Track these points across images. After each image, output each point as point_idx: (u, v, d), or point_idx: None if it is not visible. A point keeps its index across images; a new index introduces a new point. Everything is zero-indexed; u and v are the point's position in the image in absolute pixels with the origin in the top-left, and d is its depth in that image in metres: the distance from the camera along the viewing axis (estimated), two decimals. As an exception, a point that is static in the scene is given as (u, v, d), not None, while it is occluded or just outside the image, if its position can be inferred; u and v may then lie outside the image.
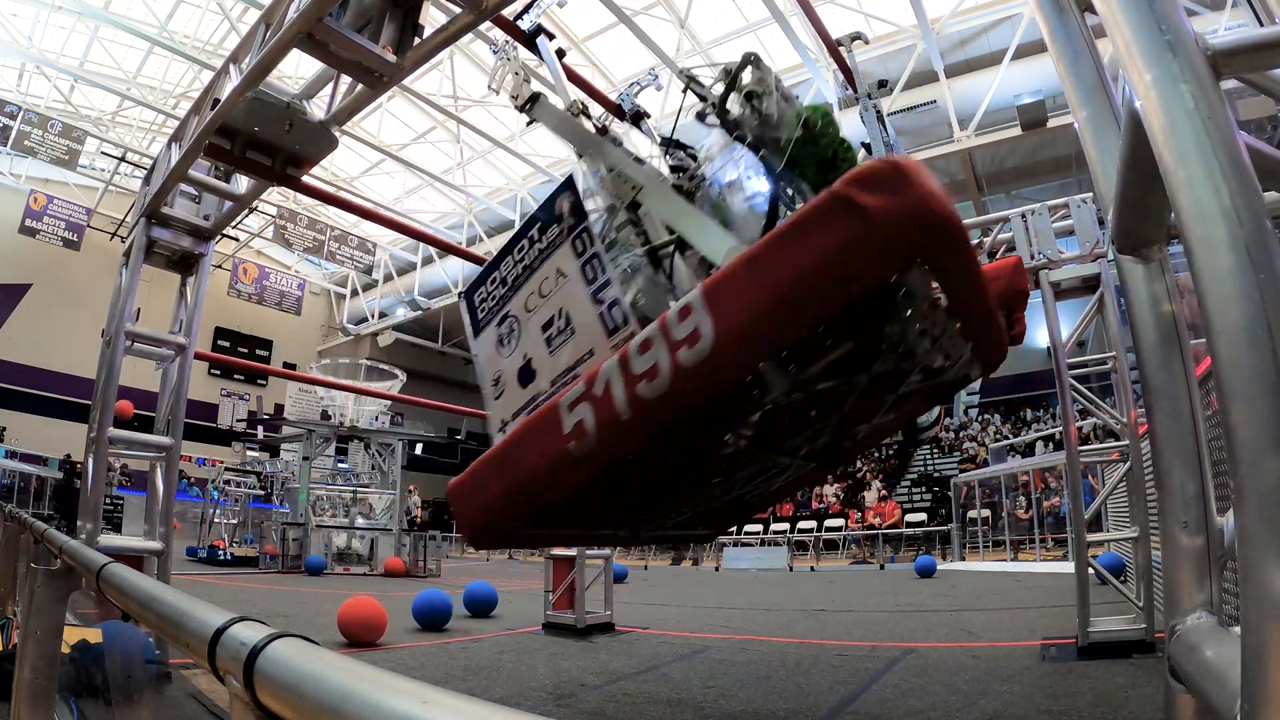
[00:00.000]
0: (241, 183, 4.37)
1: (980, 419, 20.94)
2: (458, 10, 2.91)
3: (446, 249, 9.57)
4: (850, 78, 4.12)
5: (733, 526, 2.62)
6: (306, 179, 3.92)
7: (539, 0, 2.65)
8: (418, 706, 0.44)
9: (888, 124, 3.81)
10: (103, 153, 19.23)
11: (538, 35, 2.56)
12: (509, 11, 2.97)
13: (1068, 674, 3.70)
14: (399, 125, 19.86)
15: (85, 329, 17.45)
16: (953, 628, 5.49)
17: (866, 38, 4.08)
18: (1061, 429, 5.17)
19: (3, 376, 20.67)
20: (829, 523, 16.06)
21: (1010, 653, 4.41)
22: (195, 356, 4.50)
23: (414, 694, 0.45)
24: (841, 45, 3.88)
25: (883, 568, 13.06)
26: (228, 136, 3.45)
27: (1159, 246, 1.40)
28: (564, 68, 4.78)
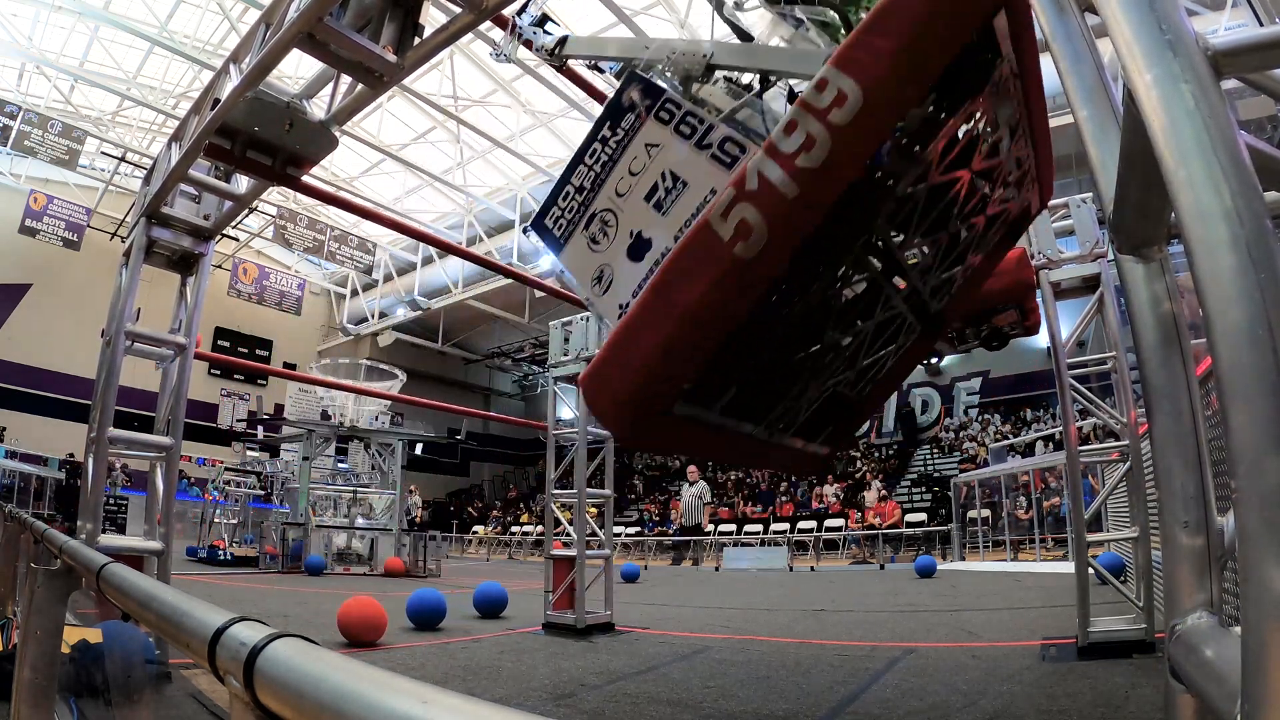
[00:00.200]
0: (241, 183, 4.37)
1: (980, 419, 20.93)
2: (458, 10, 2.92)
3: (446, 249, 9.58)
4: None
5: (845, 445, 2.67)
6: (306, 179, 3.93)
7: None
8: (418, 706, 0.44)
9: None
10: (103, 153, 19.23)
11: (544, 24, 2.57)
12: (508, 11, 2.97)
13: (1068, 674, 3.70)
14: (399, 125, 19.85)
15: (85, 329, 17.46)
16: (953, 628, 5.49)
17: None
18: (1061, 429, 5.17)
19: (3, 376, 20.67)
20: (829, 523, 16.04)
21: (1010, 653, 4.41)
22: (195, 356, 4.51)
23: (414, 694, 0.45)
24: None
25: (883, 568, 13.06)
26: (228, 136, 3.45)
27: (1159, 246, 1.39)
28: (568, 69, 4.79)
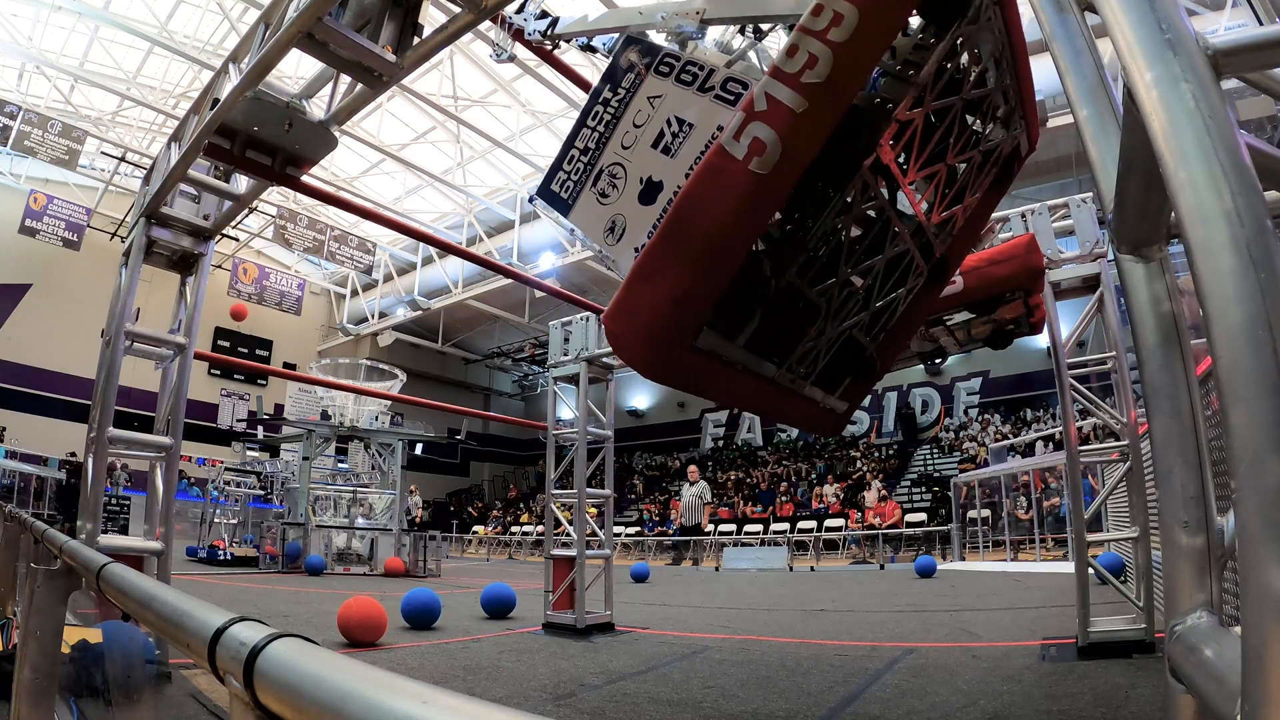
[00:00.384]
0: (241, 182, 4.37)
1: (980, 419, 20.93)
2: (457, 10, 2.91)
3: (446, 249, 9.58)
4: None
5: (859, 399, 2.75)
6: (306, 179, 3.93)
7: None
8: (418, 706, 0.44)
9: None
10: (103, 153, 19.21)
11: (543, 18, 2.58)
12: (507, 10, 2.97)
13: (1068, 674, 3.70)
14: (399, 125, 19.84)
15: (85, 329, 17.45)
16: (953, 628, 5.49)
17: None
18: (1061, 429, 5.17)
19: (3, 376, 20.66)
20: (829, 523, 16.05)
21: (1010, 653, 4.41)
22: (195, 356, 4.51)
23: (414, 694, 0.45)
24: None
25: (883, 568, 13.06)
26: (227, 136, 3.45)
27: (1159, 246, 1.39)
28: (564, 66, 4.78)
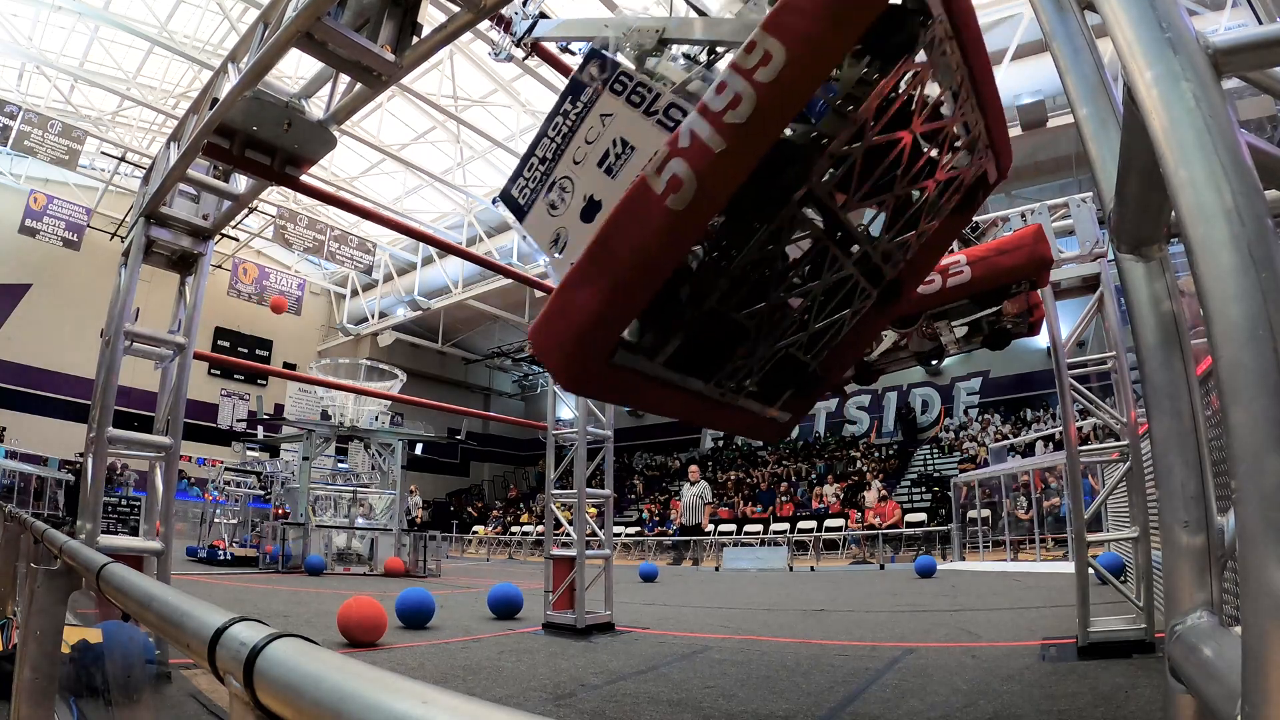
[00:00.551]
0: (241, 182, 4.37)
1: (980, 419, 20.93)
2: (456, 9, 2.91)
3: (446, 249, 9.57)
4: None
5: (804, 409, 2.72)
6: (306, 179, 3.92)
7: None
8: (418, 706, 0.44)
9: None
10: (103, 153, 19.21)
11: (539, 20, 2.58)
12: (507, 11, 2.97)
13: (1068, 674, 3.70)
14: (399, 125, 19.84)
15: (85, 329, 17.48)
16: (953, 628, 5.49)
17: None
18: (1061, 429, 5.17)
19: (3, 376, 20.66)
20: (829, 523, 16.05)
21: (1010, 653, 4.41)
22: (195, 356, 4.51)
23: (414, 694, 0.45)
24: None
25: (883, 568, 13.06)
26: (226, 136, 3.45)
27: (1159, 246, 1.39)
28: (564, 67, 4.78)
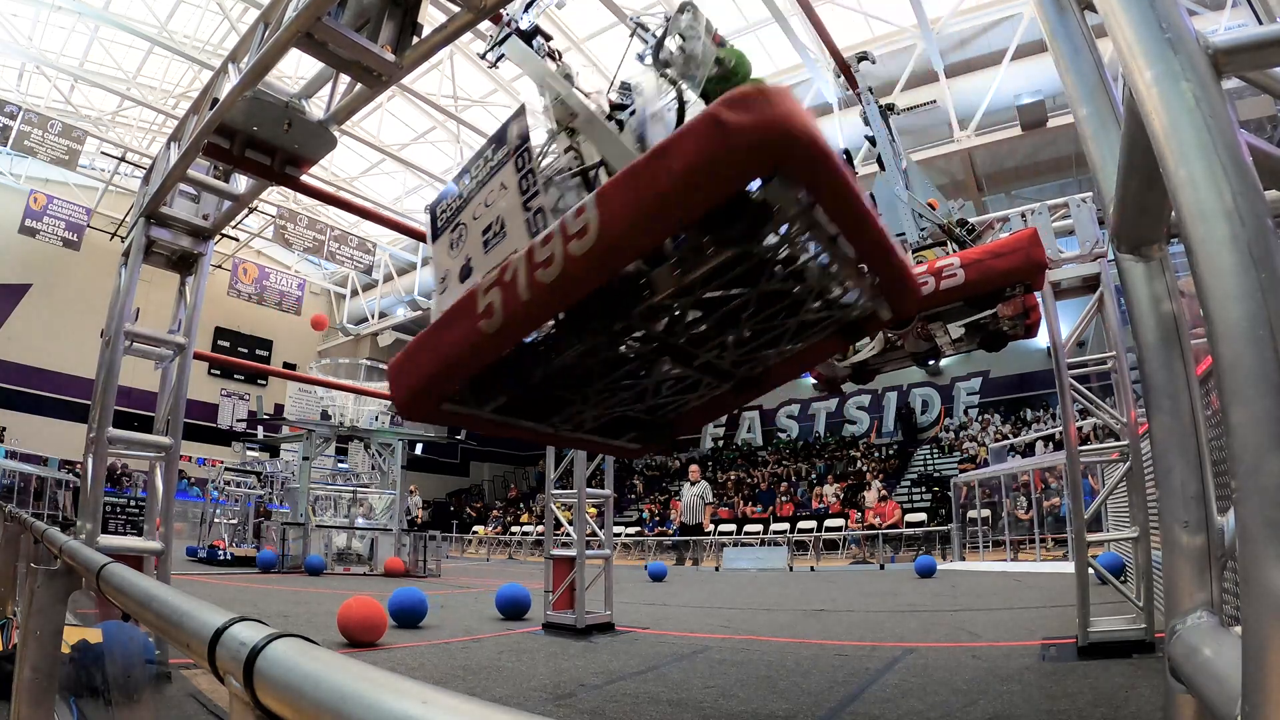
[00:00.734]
0: (241, 182, 4.37)
1: (980, 419, 20.93)
2: (456, 9, 2.91)
3: (446, 249, 9.58)
4: (850, 77, 4.13)
5: (660, 445, 2.79)
6: (306, 179, 3.92)
7: (538, 1, 2.68)
8: (418, 706, 0.44)
9: (890, 122, 3.82)
10: (103, 153, 19.20)
11: (534, 37, 2.58)
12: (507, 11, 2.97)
13: (1068, 674, 3.70)
14: (399, 125, 19.85)
15: (85, 329, 17.45)
16: (953, 628, 5.49)
17: (874, 58, 4.13)
18: (1061, 429, 5.17)
19: (3, 376, 20.66)
20: (829, 523, 16.05)
21: (1010, 653, 4.41)
22: (195, 356, 4.51)
23: (414, 694, 0.45)
24: (851, 67, 3.99)
25: (883, 568, 13.06)
26: (227, 136, 3.45)
27: (1159, 246, 1.39)
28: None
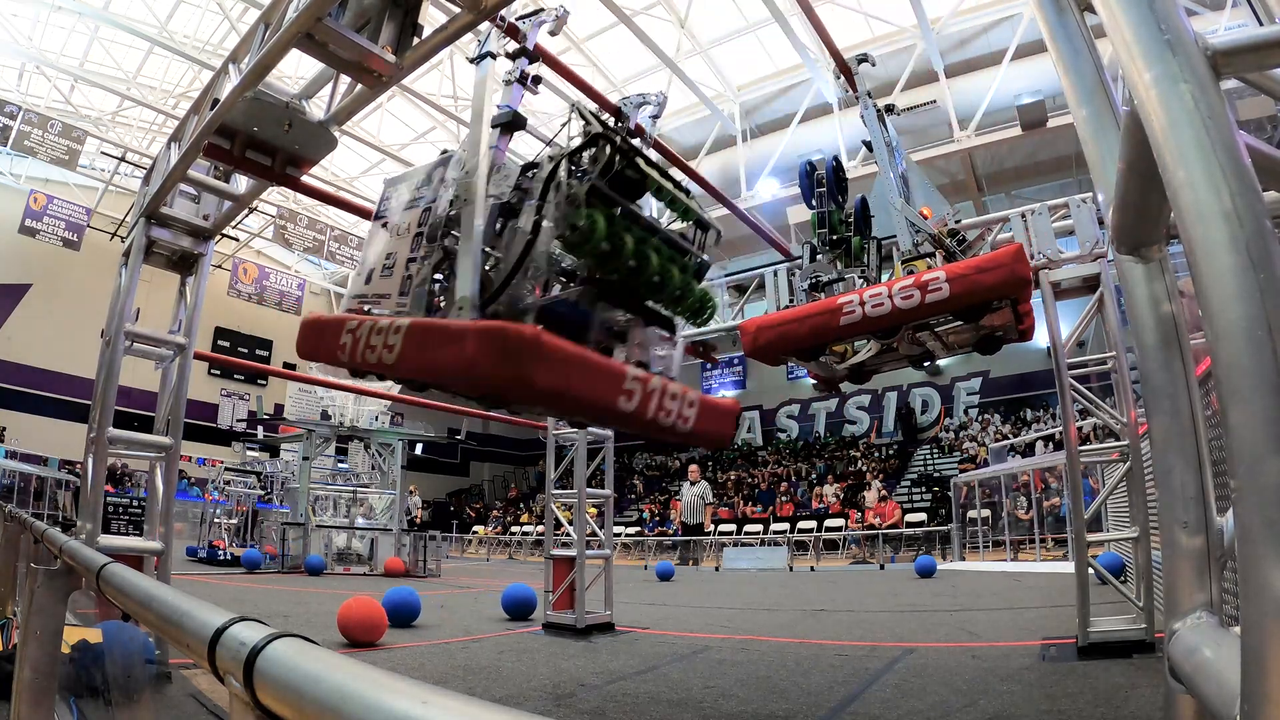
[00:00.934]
0: (241, 182, 4.37)
1: (980, 419, 20.92)
2: (457, 10, 2.91)
3: (446, 249, 9.57)
4: (850, 79, 4.13)
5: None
6: (306, 179, 3.92)
7: (535, 26, 2.71)
8: (418, 706, 0.44)
9: (889, 123, 3.82)
10: (103, 153, 19.19)
11: (519, 56, 2.60)
12: (508, 12, 2.97)
13: (1068, 674, 3.70)
14: (399, 125, 19.85)
15: (85, 329, 17.41)
16: (953, 628, 5.49)
17: (874, 61, 4.14)
18: (1061, 429, 5.17)
19: (3, 376, 20.64)
20: (829, 523, 16.04)
21: (1010, 653, 4.41)
22: (195, 356, 4.51)
23: (414, 694, 0.45)
24: (851, 68, 3.99)
25: (883, 568, 13.06)
26: (227, 136, 3.45)
27: (1159, 246, 1.39)
28: (562, 68, 4.79)
